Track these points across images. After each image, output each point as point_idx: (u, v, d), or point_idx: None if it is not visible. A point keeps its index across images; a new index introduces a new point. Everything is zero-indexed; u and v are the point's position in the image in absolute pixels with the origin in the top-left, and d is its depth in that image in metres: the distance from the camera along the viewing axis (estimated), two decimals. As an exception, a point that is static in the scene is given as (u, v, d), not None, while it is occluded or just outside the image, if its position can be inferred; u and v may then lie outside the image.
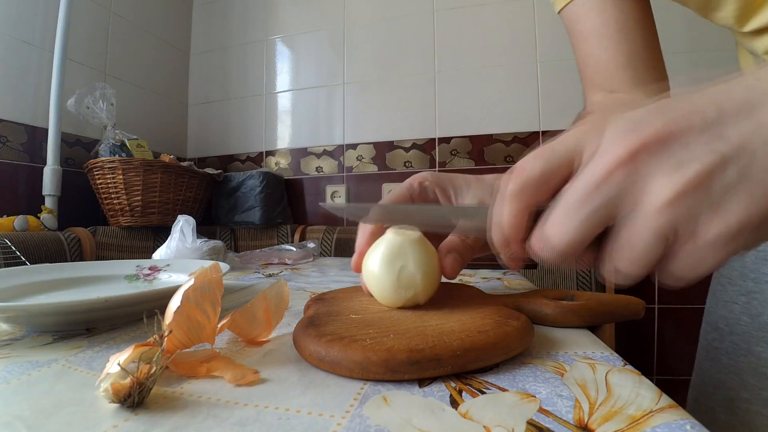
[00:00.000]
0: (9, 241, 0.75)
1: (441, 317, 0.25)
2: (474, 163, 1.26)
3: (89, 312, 0.30)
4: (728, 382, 0.40)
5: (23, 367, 0.23)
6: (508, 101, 1.24)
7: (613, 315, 0.30)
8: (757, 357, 0.38)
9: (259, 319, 0.26)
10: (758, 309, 0.39)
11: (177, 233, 0.69)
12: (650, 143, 0.16)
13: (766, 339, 0.38)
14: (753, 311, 0.40)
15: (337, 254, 1.17)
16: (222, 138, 1.54)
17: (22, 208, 0.96)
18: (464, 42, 1.29)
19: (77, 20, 1.09)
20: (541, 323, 0.29)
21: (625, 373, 0.21)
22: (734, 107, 0.16)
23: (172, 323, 0.21)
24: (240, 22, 1.53)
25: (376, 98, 1.36)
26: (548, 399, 0.18)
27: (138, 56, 1.34)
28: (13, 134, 0.97)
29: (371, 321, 0.25)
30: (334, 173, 1.39)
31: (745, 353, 0.39)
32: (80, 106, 1.00)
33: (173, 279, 0.49)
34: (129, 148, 1.05)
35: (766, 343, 0.38)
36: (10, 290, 0.39)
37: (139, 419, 0.16)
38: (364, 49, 1.38)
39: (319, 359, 0.21)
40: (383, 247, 0.28)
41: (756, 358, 0.38)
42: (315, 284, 0.54)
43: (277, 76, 1.48)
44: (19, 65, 1.00)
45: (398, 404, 0.18)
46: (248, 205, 1.26)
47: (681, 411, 0.16)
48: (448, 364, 0.20)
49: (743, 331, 0.40)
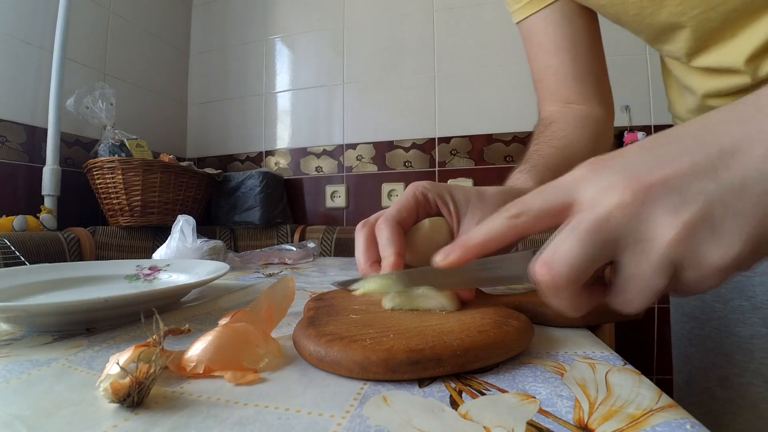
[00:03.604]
0: (8, 241, 0.75)
1: (441, 317, 0.25)
2: (474, 163, 1.26)
3: (89, 312, 0.30)
4: (718, 362, 0.43)
5: (23, 367, 0.22)
6: (508, 101, 1.24)
7: (613, 315, 0.30)
8: (738, 336, 0.42)
9: (261, 319, 0.26)
10: (728, 295, 0.43)
11: (177, 233, 0.69)
12: (652, 186, 0.18)
13: (742, 319, 0.42)
14: (724, 298, 0.43)
15: (337, 254, 1.17)
16: (222, 138, 1.53)
17: (21, 208, 0.96)
18: (464, 42, 1.29)
19: (76, 20, 1.09)
20: (541, 323, 0.29)
21: (625, 372, 0.21)
22: (720, 150, 0.18)
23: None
24: (239, 21, 1.53)
25: (376, 98, 1.36)
26: (548, 399, 0.18)
27: (137, 56, 1.34)
28: (13, 134, 0.97)
29: (371, 321, 0.25)
30: (333, 173, 1.39)
31: (726, 335, 0.43)
32: (79, 105, 1.00)
33: (173, 279, 0.49)
34: (128, 148, 1.05)
35: (743, 323, 0.41)
36: (10, 290, 0.39)
37: (139, 419, 0.16)
38: (364, 49, 1.38)
39: (319, 359, 0.21)
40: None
41: (738, 337, 0.42)
42: (315, 284, 0.54)
43: (277, 75, 1.48)
44: (18, 65, 0.99)
45: (398, 404, 0.18)
46: (248, 205, 1.26)
47: (681, 410, 0.16)
48: (448, 363, 0.20)
49: (719, 316, 0.44)
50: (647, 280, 0.18)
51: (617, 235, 0.18)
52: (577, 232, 0.18)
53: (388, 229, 0.30)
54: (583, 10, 0.46)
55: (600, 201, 0.19)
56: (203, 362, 0.20)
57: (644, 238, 0.18)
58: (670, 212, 0.17)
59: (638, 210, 0.18)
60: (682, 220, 0.17)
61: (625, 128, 1.12)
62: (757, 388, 0.40)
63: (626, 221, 0.18)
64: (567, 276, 0.19)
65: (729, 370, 0.42)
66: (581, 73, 0.47)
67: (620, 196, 0.18)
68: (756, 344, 0.40)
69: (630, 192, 0.18)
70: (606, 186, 0.19)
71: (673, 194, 0.17)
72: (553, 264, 0.19)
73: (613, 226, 0.18)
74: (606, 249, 0.18)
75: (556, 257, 0.19)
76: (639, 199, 0.18)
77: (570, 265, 0.18)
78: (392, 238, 0.30)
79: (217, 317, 0.33)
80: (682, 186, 0.18)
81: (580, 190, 0.20)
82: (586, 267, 0.19)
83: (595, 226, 0.18)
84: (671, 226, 0.17)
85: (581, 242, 0.18)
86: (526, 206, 0.22)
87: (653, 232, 0.18)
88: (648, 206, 0.18)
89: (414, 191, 0.33)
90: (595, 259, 0.19)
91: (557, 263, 0.19)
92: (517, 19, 0.49)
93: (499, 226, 0.22)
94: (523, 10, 0.48)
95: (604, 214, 0.18)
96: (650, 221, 0.18)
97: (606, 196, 0.18)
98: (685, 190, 0.17)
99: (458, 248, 0.24)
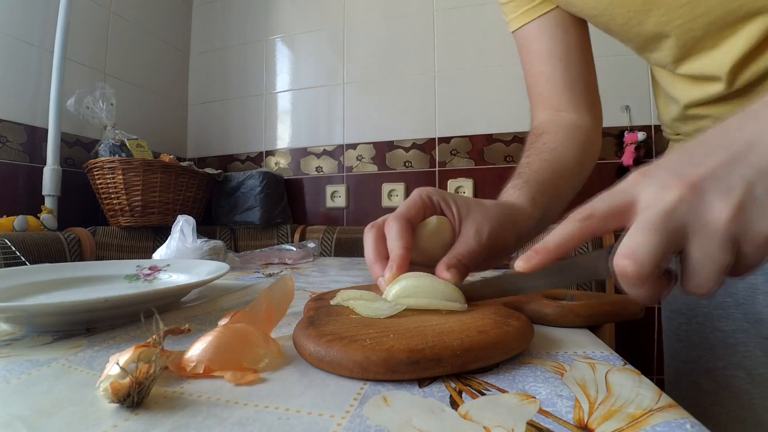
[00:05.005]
0: (9, 241, 0.75)
1: (441, 317, 0.25)
2: (474, 163, 1.26)
3: (89, 312, 0.30)
4: (704, 356, 0.46)
5: (23, 367, 0.22)
6: (508, 101, 1.23)
7: (613, 315, 0.30)
8: (722, 330, 0.44)
9: (261, 320, 0.26)
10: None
11: (177, 233, 0.69)
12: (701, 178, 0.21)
13: (725, 315, 0.44)
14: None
15: (337, 254, 1.17)
16: (222, 138, 1.53)
17: (21, 208, 0.96)
18: (464, 42, 1.29)
19: (77, 20, 1.09)
20: (541, 323, 0.29)
21: (625, 372, 0.21)
22: (745, 142, 0.21)
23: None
24: (240, 21, 1.53)
25: (376, 98, 1.36)
26: (548, 399, 0.18)
27: (138, 56, 1.34)
28: (13, 134, 0.97)
29: (371, 321, 0.25)
30: (334, 173, 1.39)
31: (711, 330, 0.45)
32: (80, 106, 1.00)
33: (173, 279, 0.49)
34: (129, 148, 1.05)
35: (726, 318, 0.44)
36: (10, 290, 0.39)
37: (139, 419, 0.16)
38: (364, 49, 1.38)
39: (319, 359, 0.21)
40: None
41: (721, 332, 0.44)
42: (315, 284, 0.54)
43: (277, 76, 1.48)
44: (19, 65, 1.00)
45: (398, 404, 0.18)
46: (248, 205, 1.26)
47: (681, 410, 0.16)
48: (448, 363, 0.20)
49: (704, 312, 0.46)
50: (715, 257, 0.21)
51: (683, 223, 0.21)
52: (650, 225, 0.21)
53: (397, 225, 0.31)
54: (575, 21, 0.48)
55: (661, 197, 0.21)
56: (203, 362, 0.20)
57: (706, 221, 0.20)
58: (721, 197, 0.20)
59: (695, 200, 0.21)
60: (733, 201, 0.20)
61: (626, 128, 1.12)
62: (739, 380, 0.42)
63: (688, 210, 0.21)
64: (650, 263, 0.21)
65: (714, 364, 0.44)
66: (572, 81, 0.49)
67: (678, 190, 0.21)
68: (738, 338, 0.43)
69: (685, 186, 0.21)
70: (662, 185, 0.22)
71: (720, 182, 0.21)
72: (636, 254, 0.21)
73: (678, 216, 0.21)
74: (676, 236, 0.21)
75: (636, 248, 0.21)
76: (694, 191, 0.21)
77: (650, 252, 0.21)
78: (401, 233, 0.31)
79: (217, 317, 0.33)
80: (725, 174, 0.21)
81: (640, 191, 0.23)
82: (663, 253, 0.21)
83: (665, 217, 0.21)
84: (726, 208, 0.20)
85: (656, 232, 0.21)
86: (594, 209, 0.24)
87: (712, 215, 0.20)
88: (702, 196, 0.21)
89: (420, 193, 0.35)
90: (670, 245, 0.21)
91: (639, 253, 0.21)
92: (513, 27, 0.52)
93: (573, 228, 0.25)
94: (518, 19, 0.51)
95: (670, 206, 0.21)
96: (707, 207, 0.20)
97: (665, 194, 0.21)
98: (728, 177, 0.21)
99: (538, 252, 0.25)
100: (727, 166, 0.21)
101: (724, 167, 0.21)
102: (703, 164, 0.21)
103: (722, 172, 0.21)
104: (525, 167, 0.45)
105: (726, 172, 0.21)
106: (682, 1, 0.36)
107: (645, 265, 0.21)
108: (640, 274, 0.21)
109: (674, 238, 0.21)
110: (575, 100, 0.49)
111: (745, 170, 0.20)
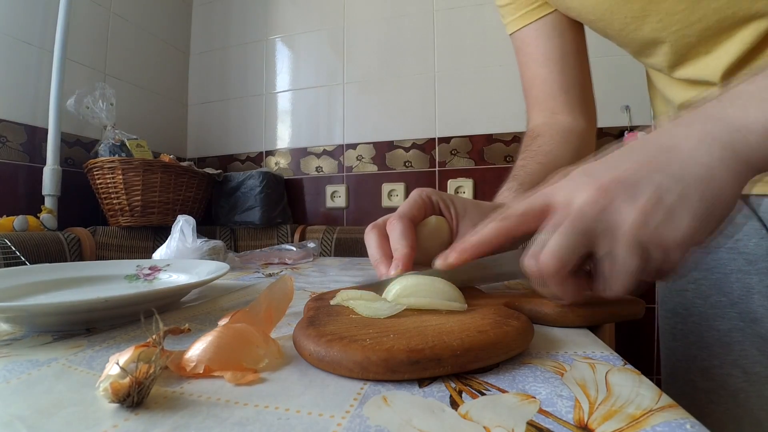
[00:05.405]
0: (9, 241, 0.75)
1: (441, 317, 0.25)
2: (474, 163, 1.26)
3: (89, 312, 0.30)
4: (699, 355, 0.46)
5: (23, 367, 0.22)
6: (508, 101, 1.23)
7: (613, 315, 0.30)
8: (718, 330, 0.45)
9: (260, 320, 0.26)
10: (707, 291, 0.46)
11: (177, 233, 0.69)
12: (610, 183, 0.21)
13: (720, 314, 0.45)
14: (703, 294, 0.46)
15: (337, 254, 1.17)
16: (222, 138, 1.53)
17: (21, 208, 0.96)
18: (464, 42, 1.29)
19: (77, 20, 1.09)
20: (541, 323, 0.29)
21: (625, 372, 0.21)
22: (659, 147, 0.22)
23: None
24: (240, 22, 1.53)
25: (375, 98, 1.36)
26: (548, 399, 0.18)
27: (138, 56, 1.34)
28: (13, 134, 0.97)
29: (371, 321, 0.25)
30: (334, 173, 1.39)
31: (706, 329, 0.46)
32: (80, 106, 1.00)
33: (173, 279, 0.49)
34: (129, 148, 1.05)
35: (721, 318, 0.44)
36: (10, 290, 0.39)
37: (139, 419, 0.16)
38: (364, 49, 1.38)
39: (319, 359, 0.21)
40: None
41: (717, 331, 0.45)
42: (315, 284, 0.54)
43: (277, 76, 1.48)
44: (18, 65, 1.00)
45: (398, 404, 0.18)
46: (248, 205, 1.26)
47: (681, 410, 0.16)
48: (448, 363, 0.20)
49: (699, 312, 0.47)
50: (622, 262, 0.21)
51: (591, 226, 0.21)
52: (559, 226, 0.22)
53: (401, 224, 0.32)
54: (572, 24, 0.49)
55: (573, 200, 0.22)
56: (203, 362, 0.20)
57: (613, 225, 0.21)
58: (628, 202, 0.21)
59: (604, 204, 0.21)
60: (638, 206, 0.21)
61: (625, 128, 1.12)
62: (735, 379, 0.42)
63: (596, 214, 0.21)
64: (552, 265, 0.22)
65: (709, 362, 0.45)
66: (568, 85, 0.50)
67: (588, 193, 0.22)
68: (734, 337, 0.43)
69: (596, 189, 0.21)
70: (576, 188, 0.22)
71: (627, 188, 0.21)
72: (539, 255, 0.22)
73: (587, 219, 0.21)
74: (584, 239, 0.21)
75: (544, 249, 0.22)
76: (605, 195, 0.21)
77: (554, 255, 0.21)
78: (405, 232, 0.32)
79: (217, 317, 0.33)
80: (634, 180, 0.21)
81: (556, 194, 0.24)
82: (569, 256, 0.21)
83: (573, 219, 0.21)
84: (631, 212, 0.21)
85: (562, 235, 0.21)
86: (512, 210, 0.25)
87: (618, 219, 0.21)
88: (612, 200, 0.21)
89: (420, 194, 0.36)
90: (576, 248, 0.22)
91: (543, 254, 0.22)
92: (510, 30, 0.53)
93: (490, 228, 0.26)
94: (516, 22, 0.51)
95: (578, 209, 0.21)
96: (615, 211, 0.21)
97: (577, 196, 0.22)
98: (637, 183, 0.21)
99: (456, 251, 0.26)
100: (637, 172, 0.21)
101: (634, 172, 0.21)
102: (618, 168, 0.22)
103: (634, 176, 0.21)
104: (520, 170, 0.46)
105: (635, 177, 0.21)
106: (679, 8, 0.36)
107: (548, 266, 0.21)
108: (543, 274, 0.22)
109: (582, 239, 0.21)
110: (570, 102, 0.50)
111: (655, 176, 0.21)
